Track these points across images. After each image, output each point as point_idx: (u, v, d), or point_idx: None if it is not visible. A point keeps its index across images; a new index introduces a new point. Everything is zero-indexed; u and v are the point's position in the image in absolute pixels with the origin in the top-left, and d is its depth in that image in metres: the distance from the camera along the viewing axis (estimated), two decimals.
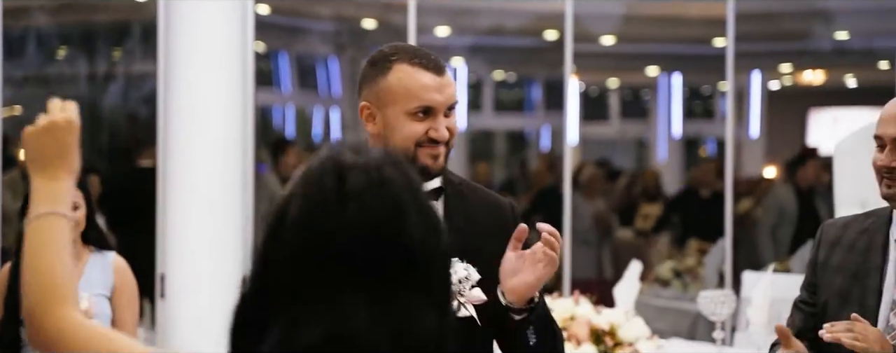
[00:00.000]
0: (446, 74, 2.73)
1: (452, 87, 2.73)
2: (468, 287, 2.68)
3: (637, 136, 17.62)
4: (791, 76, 15.77)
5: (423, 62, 2.70)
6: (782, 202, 9.47)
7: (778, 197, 9.58)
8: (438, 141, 2.69)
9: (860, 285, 2.90)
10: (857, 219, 3.03)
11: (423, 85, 2.69)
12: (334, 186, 1.69)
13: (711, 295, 4.92)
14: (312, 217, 1.68)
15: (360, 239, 1.67)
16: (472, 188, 2.90)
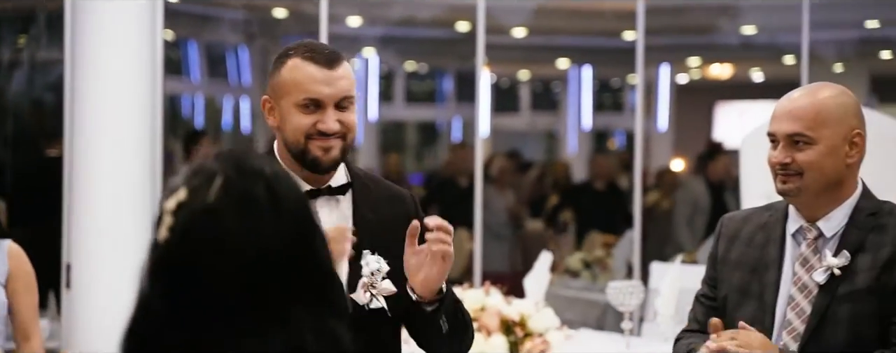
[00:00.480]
0: (339, 68, 2.77)
1: (345, 80, 2.77)
2: (379, 279, 2.74)
3: (547, 128, 17.73)
4: (699, 70, 15.97)
5: (314, 56, 2.76)
6: (696, 195, 9.60)
7: (691, 190, 9.71)
8: (327, 133, 2.74)
9: (759, 279, 2.94)
10: (756, 213, 3.06)
11: (311, 78, 2.74)
12: (267, 196, 1.60)
13: (620, 286, 4.98)
14: (252, 231, 1.58)
15: (292, 249, 1.60)
16: (375, 181, 2.96)
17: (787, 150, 2.86)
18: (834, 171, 2.85)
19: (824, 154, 2.84)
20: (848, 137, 2.86)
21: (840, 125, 2.85)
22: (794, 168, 2.85)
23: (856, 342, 2.78)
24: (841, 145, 2.85)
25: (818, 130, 2.84)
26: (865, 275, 2.81)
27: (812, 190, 2.85)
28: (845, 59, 13.03)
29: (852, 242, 2.85)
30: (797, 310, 2.86)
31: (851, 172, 2.90)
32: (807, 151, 2.84)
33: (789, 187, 2.86)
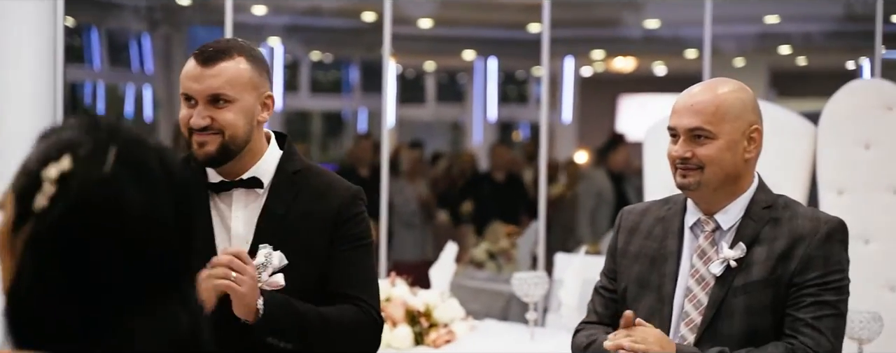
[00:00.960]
0: (215, 67, 2.84)
1: (216, 79, 2.83)
2: (268, 273, 2.79)
3: (452, 119, 17.77)
4: (603, 63, 16.12)
5: (197, 53, 2.86)
6: (599, 187, 9.69)
7: (594, 181, 9.79)
8: (194, 128, 2.83)
9: (657, 271, 2.98)
10: (655, 206, 3.11)
11: (187, 73, 2.85)
12: (160, 167, 1.53)
13: (525, 277, 5.00)
14: (149, 201, 1.51)
15: (181, 221, 1.53)
16: (315, 176, 2.99)
17: (687, 144, 2.90)
18: (733, 165, 2.90)
19: (724, 149, 2.88)
20: (746, 133, 2.91)
21: (739, 120, 2.90)
22: (695, 162, 2.89)
23: (751, 333, 2.83)
24: (740, 140, 2.90)
25: (718, 125, 2.88)
26: (760, 267, 2.86)
27: (711, 184, 2.90)
28: (746, 53, 13.24)
29: (748, 234, 2.90)
30: (694, 302, 2.90)
31: (749, 166, 2.95)
32: (707, 145, 2.88)
33: (689, 180, 2.90)
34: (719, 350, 2.78)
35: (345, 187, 2.98)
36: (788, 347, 2.78)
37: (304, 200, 2.92)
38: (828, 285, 2.84)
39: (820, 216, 2.91)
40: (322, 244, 2.87)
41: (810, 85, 14.91)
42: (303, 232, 2.87)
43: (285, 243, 2.84)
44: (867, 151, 5.30)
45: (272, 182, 2.93)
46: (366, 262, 2.95)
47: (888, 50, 6.07)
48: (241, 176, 2.91)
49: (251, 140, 2.93)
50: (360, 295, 2.89)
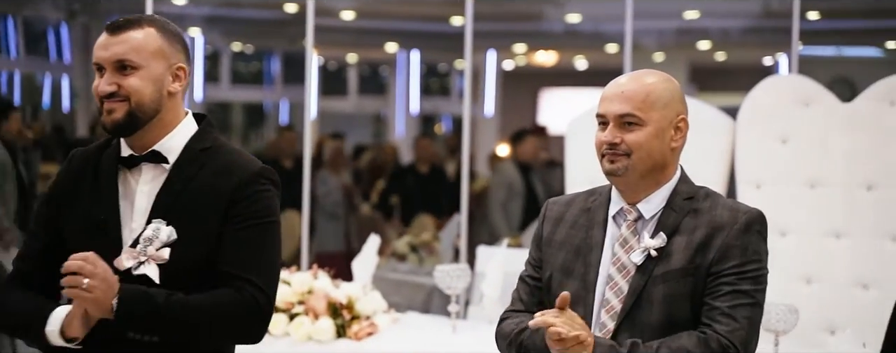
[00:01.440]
0: (123, 34, 2.90)
1: (122, 45, 2.89)
2: (153, 248, 2.83)
3: (374, 111, 17.75)
4: (524, 56, 16.19)
5: (108, 24, 2.92)
6: (509, 178, 9.73)
7: (504, 173, 9.84)
8: (101, 96, 2.88)
9: (582, 260, 3.00)
10: (580, 197, 3.13)
11: (97, 44, 2.91)
12: None
13: (447, 269, 5.01)
14: None
15: None
16: (221, 153, 2.99)
17: (616, 130, 2.93)
18: (660, 153, 2.93)
19: (652, 136, 2.92)
20: (674, 122, 2.94)
21: (667, 109, 2.93)
22: (623, 149, 2.91)
23: (669, 322, 2.86)
24: (667, 129, 2.94)
25: (647, 112, 2.91)
26: (680, 256, 2.89)
27: (638, 171, 2.92)
28: (665, 48, 13.39)
29: (669, 224, 2.93)
30: (615, 289, 2.92)
31: (674, 156, 2.98)
32: (636, 131, 2.91)
33: (617, 166, 2.93)
34: (632, 342, 2.81)
35: (248, 165, 2.97)
36: (701, 336, 2.81)
37: (204, 176, 2.92)
38: (745, 274, 2.87)
39: (739, 207, 2.94)
40: (215, 222, 2.88)
41: (728, 80, 15.12)
42: (198, 208, 2.88)
43: (179, 219, 2.86)
44: (784, 145, 5.38)
45: (178, 158, 2.95)
46: (260, 242, 2.93)
47: (805, 46, 6.15)
48: (149, 149, 2.94)
49: (162, 110, 2.94)
50: (245, 276, 2.87)
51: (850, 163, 5.22)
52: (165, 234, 2.84)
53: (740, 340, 2.82)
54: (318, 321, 4.93)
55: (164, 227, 2.85)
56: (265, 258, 2.94)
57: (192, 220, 2.87)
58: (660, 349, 2.79)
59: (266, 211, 2.95)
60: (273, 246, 2.97)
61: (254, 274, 2.88)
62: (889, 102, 5.19)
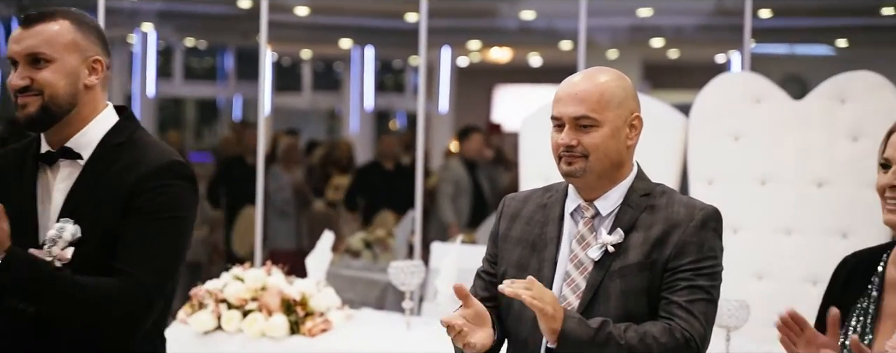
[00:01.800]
0: (35, 27, 2.89)
1: (34, 38, 2.88)
2: (57, 248, 2.82)
3: (329, 107, 17.70)
4: (479, 53, 16.21)
5: (21, 17, 2.89)
6: (456, 175, 9.77)
7: (452, 170, 9.87)
8: (15, 90, 2.86)
9: (538, 256, 3.01)
10: (536, 193, 3.14)
11: (11, 37, 2.89)
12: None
13: (401, 265, 5.01)
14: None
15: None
16: (135, 147, 2.97)
17: (572, 132, 2.93)
18: (616, 152, 2.95)
19: (608, 136, 2.93)
20: (628, 120, 2.96)
21: (621, 108, 2.94)
22: (580, 150, 2.93)
23: (626, 316, 2.88)
24: (622, 128, 2.95)
25: (602, 113, 2.92)
26: (637, 252, 2.91)
27: (596, 171, 2.94)
28: (619, 45, 13.43)
29: (626, 220, 2.95)
30: (572, 286, 2.94)
31: (630, 153, 3.00)
32: (592, 133, 2.92)
33: (574, 168, 2.94)
34: (602, 320, 2.83)
35: (156, 159, 2.92)
36: (666, 326, 2.84)
37: (114, 172, 2.90)
38: (701, 270, 2.90)
39: (695, 204, 2.97)
40: (116, 218, 2.85)
41: (682, 77, 15.20)
42: (102, 205, 2.85)
43: (85, 217, 2.84)
44: (736, 142, 5.42)
45: (92, 154, 2.93)
46: (155, 237, 2.87)
47: (757, 44, 6.20)
48: (64, 145, 2.93)
49: (78, 104, 2.93)
50: (129, 269, 2.83)
51: (801, 160, 5.27)
52: (69, 233, 2.82)
53: (699, 334, 2.85)
54: (272, 317, 4.92)
55: (70, 226, 2.83)
56: (155, 253, 2.88)
57: (98, 217, 2.85)
58: (628, 331, 2.82)
59: (168, 206, 2.90)
60: (171, 242, 2.93)
61: (138, 268, 2.84)
62: (839, 100, 5.24)
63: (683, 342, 2.83)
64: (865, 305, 2.70)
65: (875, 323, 2.67)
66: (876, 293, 2.70)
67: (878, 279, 2.72)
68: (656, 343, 2.81)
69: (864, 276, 2.75)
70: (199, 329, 4.97)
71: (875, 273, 2.73)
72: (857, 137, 5.19)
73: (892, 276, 2.71)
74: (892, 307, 2.67)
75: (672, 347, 2.82)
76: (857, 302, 2.72)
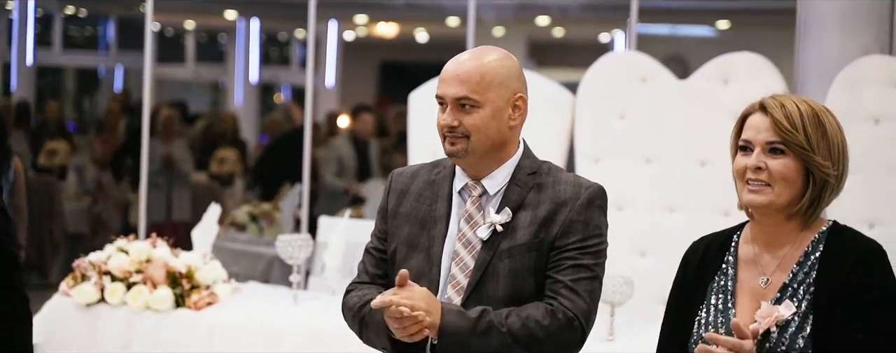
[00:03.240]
0: None
1: None
2: None
3: (213, 79, 17.50)
4: (366, 27, 16.15)
5: None
6: (340, 152, 9.78)
7: (336, 148, 9.88)
8: None
9: (427, 233, 3.01)
10: (425, 169, 3.13)
11: None
12: None
13: (289, 239, 4.99)
14: None
15: None
16: None
17: (454, 113, 2.93)
18: (498, 133, 2.95)
19: (489, 117, 2.93)
20: (511, 100, 2.96)
21: (503, 88, 2.94)
22: (462, 131, 2.93)
23: (515, 295, 2.90)
24: (504, 108, 2.95)
25: (483, 94, 2.92)
26: (525, 231, 2.93)
27: (478, 152, 2.94)
28: (505, 23, 13.51)
29: (514, 199, 2.96)
30: (461, 265, 2.95)
31: (514, 133, 3.00)
32: (473, 114, 2.92)
33: (457, 148, 2.94)
34: (482, 309, 2.84)
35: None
36: (548, 307, 2.86)
37: None
38: (587, 249, 2.93)
39: (582, 182, 2.99)
40: None
41: (567, 56, 15.35)
42: None
43: None
44: (622, 120, 5.49)
45: None
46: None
47: (640, 24, 6.29)
48: None
49: None
50: None
51: (685, 139, 5.36)
52: None
53: (583, 312, 2.89)
54: (157, 290, 4.87)
55: None
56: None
57: None
58: (509, 317, 2.84)
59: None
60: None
61: None
62: (722, 81, 5.34)
63: (566, 322, 2.86)
64: (723, 283, 2.79)
65: (734, 299, 2.76)
66: (732, 271, 2.79)
67: (732, 258, 2.81)
68: (539, 326, 2.84)
69: (718, 255, 2.84)
70: (81, 301, 4.90)
71: (729, 252, 2.83)
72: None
73: (745, 253, 2.80)
74: (747, 282, 2.77)
75: (555, 328, 2.85)
76: (714, 281, 2.81)
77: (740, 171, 2.75)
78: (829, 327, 2.63)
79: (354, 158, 9.76)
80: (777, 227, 2.75)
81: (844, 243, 2.71)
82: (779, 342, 2.64)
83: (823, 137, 2.70)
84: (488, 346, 2.83)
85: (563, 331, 2.86)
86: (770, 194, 2.70)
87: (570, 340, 2.89)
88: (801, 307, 2.66)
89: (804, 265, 2.71)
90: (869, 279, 2.64)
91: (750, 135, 2.75)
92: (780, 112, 2.71)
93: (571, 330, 2.87)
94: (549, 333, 2.85)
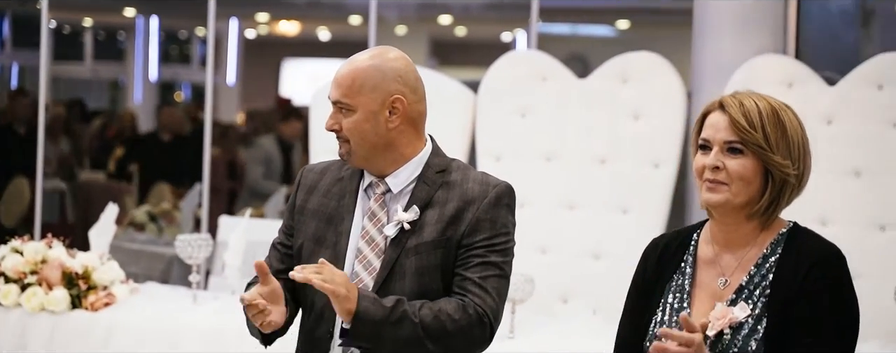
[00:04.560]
0: None
1: None
2: None
3: (112, 77, 17.26)
4: (267, 26, 16.05)
5: None
6: (267, 153, 9.74)
7: (263, 149, 9.83)
8: None
9: (334, 229, 3.01)
10: (335, 165, 3.13)
11: None
12: None
13: (188, 239, 4.95)
14: None
15: None
16: None
17: (335, 116, 2.96)
18: (375, 135, 2.95)
19: (362, 121, 2.93)
20: (386, 103, 2.95)
21: (376, 92, 2.93)
22: (343, 135, 2.94)
23: (421, 293, 2.91)
24: (379, 111, 2.94)
25: (354, 98, 2.92)
26: (432, 229, 2.94)
27: (359, 154, 2.95)
28: (407, 22, 13.52)
29: (422, 197, 2.97)
30: (364, 263, 2.95)
31: (402, 134, 2.98)
32: (349, 117, 2.93)
33: (342, 151, 2.97)
34: (397, 298, 2.84)
35: None
36: (460, 302, 2.88)
37: None
38: (494, 247, 2.95)
39: (490, 181, 3.01)
40: None
41: (469, 55, 15.40)
42: None
43: None
44: (523, 119, 5.53)
45: None
46: None
47: (542, 23, 6.34)
48: None
49: None
50: None
51: (585, 137, 5.42)
52: None
53: (492, 310, 2.91)
54: (52, 291, 4.79)
55: None
56: None
57: None
58: (422, 308, 2.85)
59: None
60: None
61: None
62: (621, 80, 5.41)
63: (477, 318, 2.88)
64: (681, 281, 2.78)
65: (691, 298, 2.76)
66: (690, 270, 2.79)
67: (691, 257, 2.81)
68: (450, 320, 2.85)
69: (676, 254, 2.83)
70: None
71: (688, 251, 2.82)
72: (638, 116, 5.36)
73: (703, 253, 2.80)
74: (705, 282, 2.76)
75: (466, 323, 2.87)
76: (672, 280, 2.81)
77: (699, 170, 2.71)
78: (783, 330, 2.62)
79: (281, 159, 9.73)
80: (736, 227, 2.73)
81: (803, 245, 2.69)
82: (731, 344, 2.63)
83: (783, 135, 2.68)
84: (399, 336, 2.84)
85: (472, 326, 2.88)
86: (727, 193, 2.67)
87: (478, 336, 2.90)
88: (755, 309, 2.65)
89: (762, 268, 2.70)
90: (824, 283, 2.63)
91: (709, 134, 2.71)
92: (737, 111, 2.67)
93: (481, 326, 2.89)
94: (459, 327, 2.86)
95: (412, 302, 2.86)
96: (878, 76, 5.04)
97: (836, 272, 2.65)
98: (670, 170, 5.29)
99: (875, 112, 5.01)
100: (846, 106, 5.05)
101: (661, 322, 2.76)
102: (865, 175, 4.99)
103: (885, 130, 4.99)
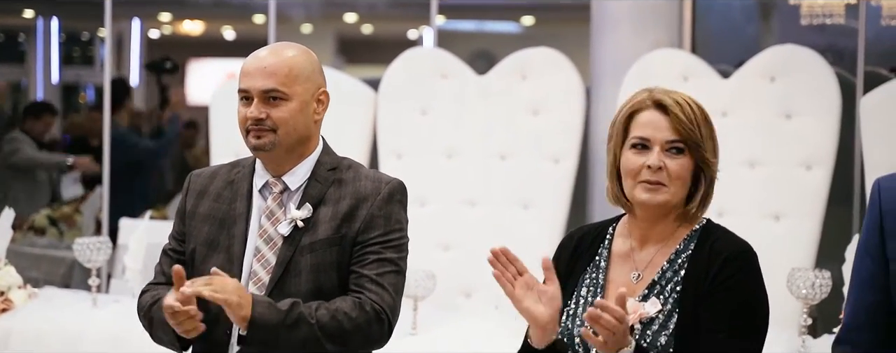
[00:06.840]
0: None
1: None
2: None
3: (13, 80, 17.00)
4: (170, 26, 15.90)
5: None
6: None
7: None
8: None
9: (227, 232, 3.01)
10: (223, 169, 3.13)
11: None
12: None
13: (87, 242, 4.90)
14: None
15: None
16: None
17: (261, 106, 2.94)
18: (304, 127, 2.97)
19: (297, 111, 2.95)
20: (316, 95, 2.99)
21: (309, 82, 2.97)
22: (269, 124, 2.94)
23: (317, 290, 2.92)
24: (310, 102, 2.98)
25: (292, 87, 2.94)
26: (326, 226, 2.95)
27: (284, 145, 2.96)
28: (313, 20, 13.49)
29: (314, 195, 2.98)
30: (262, 261, 2.95)
31: (317, 128, 3.03)
32: (281, 107, 2.94)
33: (264, 142, 2.94)
34: (293, 301, 2.85)
35: None
36: (356, 300, 2.89)
37: None
38: (389, 243, 2.97)
39: (382, 178, 3.03)
40: None
41: (375, 52, 15.37)
42: None
43: None
44: (424, 116, 5.55)
45: None
46: None
47: (447, 20, 6.38)
48: None
49: None
50: None
51: (485, 134, 5.45)
52: None
53: (389, 306, 2.93)
54: None
55: None
56: None
57: None
58: (318, 309, 2.86)
59: None
60: None
61: None
62: (520, 76, 5.45)
63: (374, 315, 2.89)
64: (594, 275, 2.80)
65: (604, 292, 2.78)
66: (604, 264, 2.81)
67: (606, 251, 2.83)
68: (347, 319, 2.86)
69: (591, 248, 2.85)
70: None
71: (603, 245, 2.84)
72: (537, 112, 5.41)
73: (619, 248, 2.82)
74: (618, 277, 2.78)
75: (363, 321, 2.88)
76: (585, 273, 2.83)
77: (635, 169, 2.70)
78: (693, 325, 2.64)
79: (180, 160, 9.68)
80: (655, 223, 2.75)
81: (716, 242, 2.71)
82: (642, 339, 2.65)
83: (711, 134, 2.72)
84: (296, 338, 2.84)
85: (370, 323, 2.89)
86: (666, 193, 2.69)
87: (376, 333, 2.92)
88: (667, 304, 2.67)
89: (674, 263, 2.72)
90: (735, 280, 2.65)
91: (648, 133, 2.70)
92: (679, 111, 2.68)
93: (379, 323, 2.91)
94: (356, 326, 2.87)
95: (309, 303, 2.87)
96: (770, 69, 5.14)
97: (747, 269, 2.67)
98: (570, 165, 5.34)
99: (768, 104, 5.11)
100: (740, 98, 5.14)
101: (574, 315, 2.78)
102: (759, 166, 5.09)
103: (778, 121, 5.09)
